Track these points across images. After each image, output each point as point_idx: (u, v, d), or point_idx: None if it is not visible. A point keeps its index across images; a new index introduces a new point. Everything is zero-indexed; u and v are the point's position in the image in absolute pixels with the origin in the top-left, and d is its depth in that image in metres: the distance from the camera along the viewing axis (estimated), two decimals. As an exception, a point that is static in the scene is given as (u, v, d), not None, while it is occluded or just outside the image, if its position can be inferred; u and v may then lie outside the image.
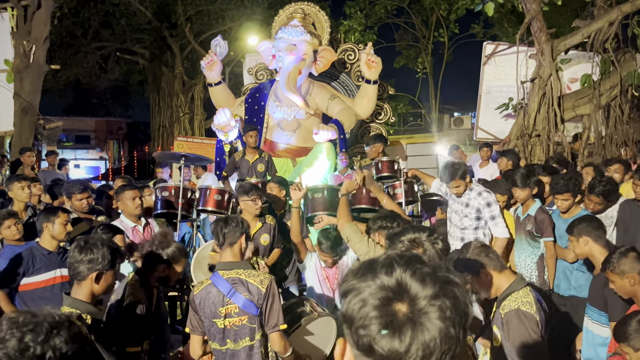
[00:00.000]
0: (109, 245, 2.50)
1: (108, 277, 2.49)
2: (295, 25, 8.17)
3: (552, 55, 7.41)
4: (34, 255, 3.60)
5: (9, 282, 3.53)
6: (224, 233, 2.90)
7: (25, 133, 9.23)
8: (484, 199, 4.47)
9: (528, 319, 2.40)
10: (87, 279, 2.44)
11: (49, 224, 3.66)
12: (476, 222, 4.50)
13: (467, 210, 4.52)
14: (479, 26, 17.47)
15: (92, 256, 2.42)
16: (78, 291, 2.47)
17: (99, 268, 2.43)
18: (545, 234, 4.34)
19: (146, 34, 20.15)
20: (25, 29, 9.22)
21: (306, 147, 8.03)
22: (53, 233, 3.67)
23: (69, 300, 2.46)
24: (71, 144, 26.86)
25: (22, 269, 3.54)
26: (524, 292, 2.50)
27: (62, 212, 3.73)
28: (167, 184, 5.58)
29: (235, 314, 2.82)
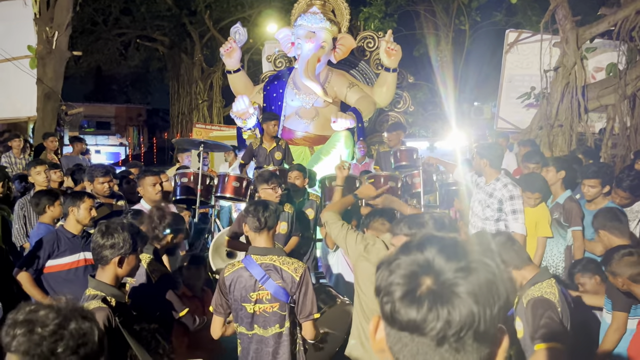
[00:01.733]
0: (130, 229, 2.54)
1: (131, 261, 2.54)
2: (314, 12, 8.11)
3: (577, 43, 7.23)
4: (59, 238, 3.68)
5: (35, 264, 3.61)
6: (265, 217, 2.86)
7: (48, 119, 9.38)
8: (508, 191, 4.33)
9: (551, 307, 2.41)
10: (110, 263, 2.49)
11: (74, 208, 3.74)
12: (498, 213, 4.38)
13: (490, 201, 4.40)
14: (501, 14, 17.12)
15: (113, 241, 2.47)
16: (102, 274, 2.52)
17: (121, 252, 2.48)
18: (573, 223, 4.26)
19: (166, 21, 20.24)
20: (48, 16, 9.33)
21: (324, 135, 8.01)
22: (78, 217, 3.75)
23: (94, 283, 2.51)
24: (92, 130, 27.22)
25: (47, 252, 3.62)
26: (548, 283, 2.51)
27: (88, 197, 3.82)
28: (187, 171, 5.64)
29: (267, 300, 2.81)
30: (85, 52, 19.53)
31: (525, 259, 2.59)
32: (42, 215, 4.20)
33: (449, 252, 0.90)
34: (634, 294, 2.81)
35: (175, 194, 5.50)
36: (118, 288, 2.57)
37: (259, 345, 2.85)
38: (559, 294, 2.47)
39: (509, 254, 2.57)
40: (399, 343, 0.88)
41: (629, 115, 7.15)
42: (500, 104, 8.95)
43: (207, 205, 5.76)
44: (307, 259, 5.13)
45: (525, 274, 2.58)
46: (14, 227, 4.86)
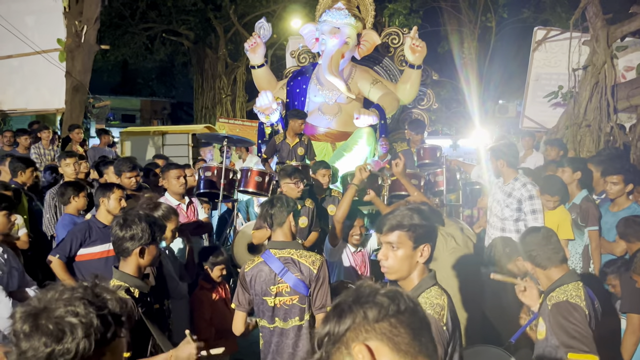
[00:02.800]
0: (147, 219, 2.57)
1: (152, 250, 2.57)
2: (339, 8, 8.08)
3: (607, 42, 7.07)
4: (90, 228, 3.80)
5: (67, 251, 3.73)
6: (270, 214, 2.94)
7: (76, 111, 9.58)
8: (527, 190, 4.29)
9: (577, 311, 2.34)
10: (132, 255, 2.53)
11: (104, 199, 3.87)
12: (517, 213, 4.33)
13: (509, 200, 4.36)
14: (529, 10, 16.81)
15: (133, 232, 2.50)
16: (125, 266, 2.56)
17: (141, 242, 2.51)
18: (590, 223, 4.21)
19: (191, 16, 20.41)
20: (77, 10, 9.51)
21: (346, 131, 7.98)
22: (109, 207, 3.88)
23: (118, 274, 2.56)
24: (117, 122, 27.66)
25: (79, 240, 3.74)
26: (574, 286, 2.44)
27: (117, 188, 3.94)
28: (210, 165, 5.70)
29: (287, 292, 2.86)
30: (113, 45, 19.84)
31: (555, 259, 2.51)
32: (67, 205, 4.30)
33: None
34: None
35: (199, 188, 5.57)
36: (141, 279, 2.61)
37: (280, 338, 2.90)
38: (586, 298, 2.40)
39: (537, 252, 2.52)
40: None
41: (661, 116, 6.97)
42: (526, 103, 8.81)
43: (230, 200, 5.81)
44: (327, 255, 5.15)
45: (551, 274, 2.52)
46: (45, 217, 4.99)
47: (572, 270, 2.57)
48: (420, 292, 2.00)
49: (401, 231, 2.01)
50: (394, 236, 2.02)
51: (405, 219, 2.02)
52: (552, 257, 2.51)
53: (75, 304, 1.16)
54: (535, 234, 2.60)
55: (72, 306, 1.16)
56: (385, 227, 2.04)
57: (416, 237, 2.01)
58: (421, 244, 2.02)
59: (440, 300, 1.98)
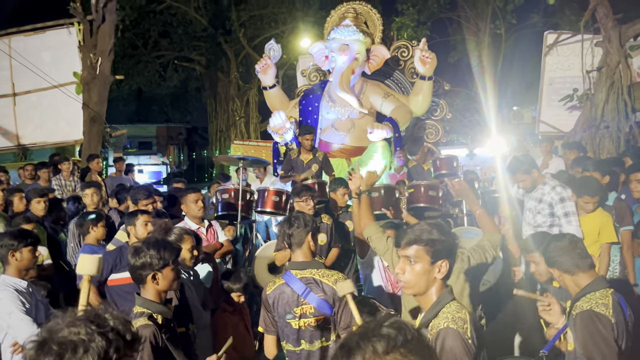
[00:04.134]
0: (156, 244, 2.58)
1: (167, 274, 2.57)
2: (347, 25, 8.14)
3: (620, 41, 7.00)
4: (122, 254, 3.86)
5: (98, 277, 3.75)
6: (289, 234, 2.91)
7: (94, 141, 9.74)
8: (557, 193, 4.17)
9: (601, 321, 2.25)
10: (147, 282, 2.55)
11: (131, 227, 3.96)
12: (550, 218, 4.19)
13: (540, 207, 4.24)
14: (538, 15, 16.74)
15: (143, 260, 2.53)
16: (145, 292, 2.57)
17: (153, 269, 2.53)
18: (625, 223, 4.09)
19: (202, 41, 20.78)
20: (92, 43, 9.74)
21: (361, 146, 7.98)
22: (137, 234, 3.96)
23: (140, 301, 2.56)
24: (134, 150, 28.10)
25: (110, 265, 3.82)
26: (601, 293, 2.35)
27: (142, 213, 4.00)
28: (227, 187, 5.72)
29: (311, 314, 2.81)
30: (127, 75, 20.24)
31: (583, 265, 2.43)
32: (86, 235, 4.35)
33: None
34: None
35: (217, 210, 5.59)
36: (164, 304, 2.61)
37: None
38: (614, 306, 2.30)
39: (564, 258, 2.45)
40: None
41: (680, 113, 6.84)
42: (542, 108, 8.72)
43: (249, 221, 5.82)
44: (348, 271, 5.10)
45: (579, 281, 2.43)
46: (69, 246, 5.05)
47: (601, 277, 2.47)
48: (440, 308, 1.97)
49: (419, 245, 1.98)
50: (411, 250, 2.00)
51: (424, 233, 2.00)
52: (579, 262, 2.43)
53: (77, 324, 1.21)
54: (560, 239, 2.53)
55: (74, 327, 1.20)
56: (404, 241, 2.02)
57: (434, 252, 1.98)
58: (439, 260, 1.98)
59: (462, 314, 1.94)
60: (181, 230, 3.47)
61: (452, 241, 2.04)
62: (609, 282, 2.51)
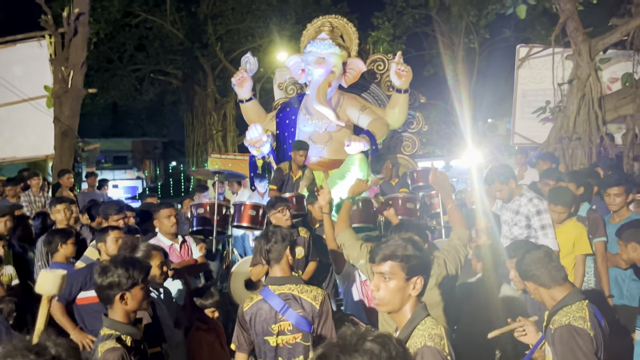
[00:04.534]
0: (124, 263, 2.49)
1: (136, 294, 2.48)
2: (323, 38, 8.17)
3: (590, 55, 7.16)
4: (92, 272, 3.70)
5: (68, 295, 3.65)
6: (267, 250, 2.84)
7: (66, 156, 9.51)
8: (534, 205, 4.14)
9: (581, 336, 2.22)
10: (115, 302, 2.45)
11: (102, 243, 3.88)
12: (527, 230, 4.16)
13: (517, 218, 4.21)
14: (510, 30, 17.13)
15: (110, 279, 2.43)
16: (113, 313, 2.47)
17: (121, 289, 2.43)
18: (598, 234, 4.10)
19: (179, 55, 20.66)
20: (63, 56, 9.55)
21: (338, 159, 7.96)
22: (107, 250, 3.87)
23: (108, 322, 2.46)
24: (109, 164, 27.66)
25: (79, 283, 3.69)
26: (577, 306, 2.33)
27: (112, 229, 3.92)
28: (203, 201, 5.63)
29: (289, 331, 2.74)
30: (102, 88, 19.97)
31: (558, 278, 2.41)
32: (55, 253, 4.21)
33: None
34: None
35: (192, 226, 5.48)
36: (133, 325, 2.51)
37: None
38: (591, 318, 2.28)
39: (540, 271, 2.42)
40: None
41: (649, 124, 7.01)
42: (515, 120, 8.85)
43: (224, 236, 5.72)
44: (327, 285, 5.04)
45: (554, 294, 2.41)
46: (37, 264, 4.87)
47: (576, 289, 2.45)
48: (415, 325, 1.92)
49: (394, 262, 1.94)
50: (386, 266, 1.94)
51: (398, 249, 1.95)
52: (555, 275, 2.41)
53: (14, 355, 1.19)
54: (535, 252, 2.50)
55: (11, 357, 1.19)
56: (378, 257, 1.97)
57: (409, 269, 1.93)
58: (414, 276, 1.94)
59: (437, 330, 1.91)
60: (148, 246, 3.38)
61: (427, 257, 2.01)
62: (583, 293, 2.49)
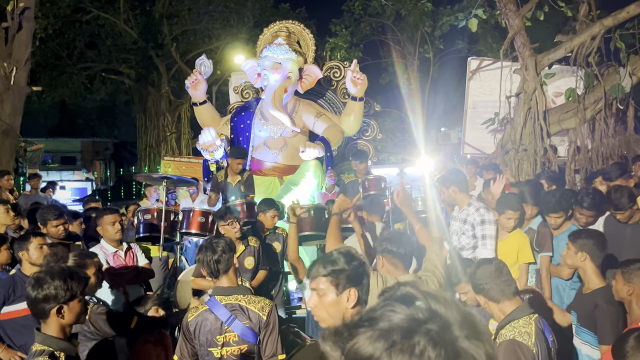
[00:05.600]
0: (61, 274, 2.35)
1: (73, 307, 2.35)
2: (279, 43, 8.14)
3: (536, 69, 7.42)
4: (15, 283, 3.50)
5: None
6: (214, 261, 2.74)
7: (6, 156, 9.07)
8: (480, 215, 4.14)
9: (523, 351, 2.25)
10: (50, 316, 2.30)
11: (24, 252, 3.60)
12: (473, 240, 4.17)
13: (465, 227, 4.21)
14: (463, 42, 17.63)
15: (47, 292, 2.28)
16: (47, 328, 2.33)
17: (58, 301, 2.30)
18: (545, 249, 4.18)
19: (132, 54, 20.12)
20: (6, 51, 9.11)
21: (293, 165, 7.94)
22: (31, 259, 3.62)
23: (40, 337, 2.32)
24: (56, 165, 26.57)
25: (2, 297, 3.43)
26: (524, 321, 2.37)
27: (34, 236, 3.65)
28: (150, 207, 5.46)
29: (234, 342, 2.68)
30: (49, 86, 19.18)
31: (508, 292, 2.44)
32: None
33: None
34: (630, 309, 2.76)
35: (139, 232, 5.31)
36: (68, 340, 2.38)
37: None
38: (536, 334, 2.31)
39: (490, 285, 2.45)
40: None
41: (590, 138, 7.33)
42: (466, 130, 9.07)
43: (172, 243, 5.56)
44: (277, 294, 4.99)
45: (503, 308, 2.44)
46: None
47: (525, 304, 2.48)
48: None
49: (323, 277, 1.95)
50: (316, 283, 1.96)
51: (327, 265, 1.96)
52: (505, 289, 2.44)
53: None
54: (486, 266, 2.52)
55: None
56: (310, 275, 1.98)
57: (338, 283, 1.94)
58: (346, 289, 1.94)
59: None
60: (81, 255, 3.20)
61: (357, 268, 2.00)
62: (533, 307, 2.53)
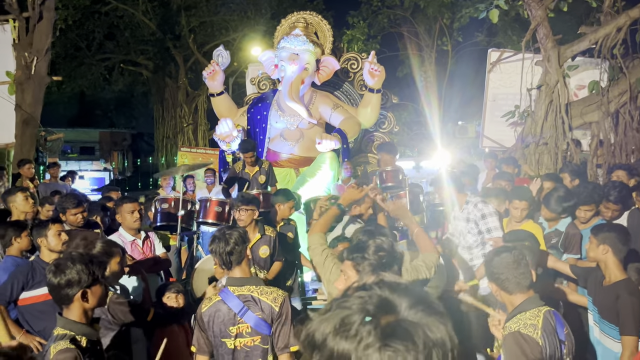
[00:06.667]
0: (82, 259, 2.37)
1: (96, 291, 2.37)
2: (297, 34, 8.10)
3: (558, 62, 7.27)
4: (34, 269, 3.55)
5: (8, 296, 3.46)
6: (227, 252, 2.71)
7: (27, 145, 9.18)
8: (479, 210, 4.17)
9: (528, 343, 2.21)
10: (74, 301, 2.32)
11: (42, 238, 3.64)
12: (479, 236, 4.18)
13: (469, 226, 4.20)
14: (482, 34, 17.38)
15: (69, 277, 2.30)
16: (69, 312, 2.35)
17: (81, 286, 2.31)
18: (573, 251, 4.09)
19: (150, 45, 20.23)
20: (27, 41, 9.21)
21: (309, 156, 7.91)
22: (49, 246, 3.66)
23: (62, 322, 2.34)
24: (75, 155, 26.91)
25: (20, 283, 3.48)
26: (532, 313, 2.32)
27: (53, 223, 3.69)
28: (167, 196, 5.48)
29: (247, 333, 2.67)
30: (69, 77, 19.39)
31: (523, 285, 2.39)
32: (9, 247, 4.03)
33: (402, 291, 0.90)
34: None
35: (156, 221, 5.34)
36: (89, 325, 2.40)
37: None
38: (544, 326, 2.25)
39: (505, 276, 2.40)
40: None
41: (613, 131, 7.16)
42: (485, 123, 8.95)
43: (189, 232, 5.59)
44: (292, 284, 4.99)
45: (514, 300, 2.40)
46: None
47: (535, 296, 2.42)
48: None
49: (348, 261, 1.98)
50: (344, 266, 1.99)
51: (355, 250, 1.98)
52: (521, 282, 2.39)
53: None
54: (505, 255, 2.44)
55: None
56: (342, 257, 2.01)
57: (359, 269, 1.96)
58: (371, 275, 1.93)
59: None
60: (108, 243, 3.23)
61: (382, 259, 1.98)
62: (544, 300, 2.47)
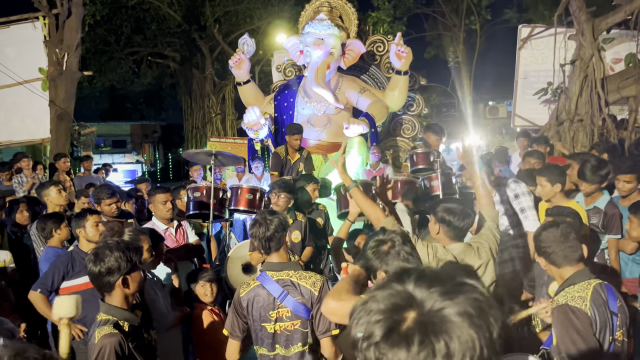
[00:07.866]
0: (119, 246, 2.43)
1: (135, 277, 2.43)
2: (321, 19, 8.02)
3: (593, 35, 7.01)
4: (73, 259, 3.65)
5: (49, 285, 3.57)
6: (267, 238, 2.73)
7: (62, 139, 9.43)
8: (511, 190, 4.15)
9: (576, 315, 2.18)
10: (116, 288, 2.39)
11: (81, 229, 3.75)
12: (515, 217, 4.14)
13: (504, 208, 4.17)
14: (512, 11, 16.89)
15: (109, 265, 2.36)
16: (111, 298, 2.42)
17: (122, 272, 2.37)
18: (614, 231, 3.96)
19: (176, 37, 20.43)
20: (58, 37, 9.41)
21: (337, 142, 7.88)
22: (87, 236, 3.76)
23: (105, 307, 2.41)
24: (108, 148, 27.57)
25: (61, 272, 3.59)
26: (581, 286, 2.28)
27: (90, 214, 3.79)
28: (199, 185, 5.55)
29: (287, 318, 2.68)
30: (99, 71, 19.79)
31: (572, 258, 2.35)
32: (50, 239, 4.16)
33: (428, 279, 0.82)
34: None
35: (188, 209, 5.42)
36: (131, 310, 2.46)
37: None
38: (593, 298, 2.22)
39: (553, 249, 2.37)
40: None
41: (652, 105, 6.89)
42: (516, 102, 8.73)
43: (222, 219, 5.65)
44: (323, 268, 5.00)
45: (563, 273, 2.37)
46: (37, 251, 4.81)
47: (585, 269, 2.37)
48: None
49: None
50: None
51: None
52: (569, 255, 2.35)
53: None
54: (553, 229, 2.41)
55: None
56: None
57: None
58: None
59: None
60: (135, 231, 3.30)
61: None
62: (595, 273, 2.41)
